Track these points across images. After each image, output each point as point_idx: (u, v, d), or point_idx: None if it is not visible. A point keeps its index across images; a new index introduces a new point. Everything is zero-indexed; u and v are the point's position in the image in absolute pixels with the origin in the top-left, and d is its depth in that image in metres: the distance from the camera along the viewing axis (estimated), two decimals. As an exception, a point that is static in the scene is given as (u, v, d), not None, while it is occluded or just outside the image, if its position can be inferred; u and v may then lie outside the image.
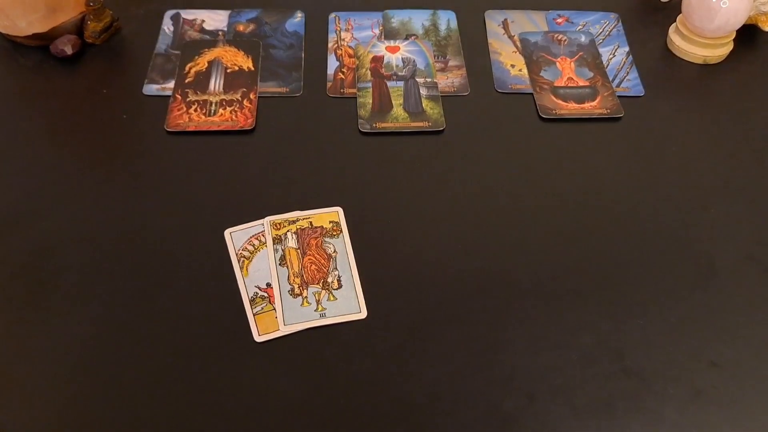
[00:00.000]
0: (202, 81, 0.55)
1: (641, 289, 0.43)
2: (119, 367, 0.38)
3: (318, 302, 0.40)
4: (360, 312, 0.40)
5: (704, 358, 0.40)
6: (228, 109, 0.53)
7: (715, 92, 0.56)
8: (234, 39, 0.58)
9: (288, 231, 0.43)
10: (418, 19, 0.61)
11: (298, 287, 0.41)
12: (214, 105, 0.53)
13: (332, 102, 0.54)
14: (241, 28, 0.60)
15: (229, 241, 0.43)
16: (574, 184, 0.49)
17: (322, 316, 0.40)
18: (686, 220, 0.47)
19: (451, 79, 0.56)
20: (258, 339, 0.39)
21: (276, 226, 0.43)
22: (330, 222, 0.44)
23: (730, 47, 0.58)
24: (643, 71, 0.57)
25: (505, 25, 0.61)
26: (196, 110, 0.52)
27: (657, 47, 0.59)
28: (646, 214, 0.47)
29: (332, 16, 0.61)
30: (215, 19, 0.60)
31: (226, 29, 0.59)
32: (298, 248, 0.42)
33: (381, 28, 0.60)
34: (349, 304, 0.40)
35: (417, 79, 0.55)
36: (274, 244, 0.42)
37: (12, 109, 0.53)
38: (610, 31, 0.61)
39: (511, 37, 0.60)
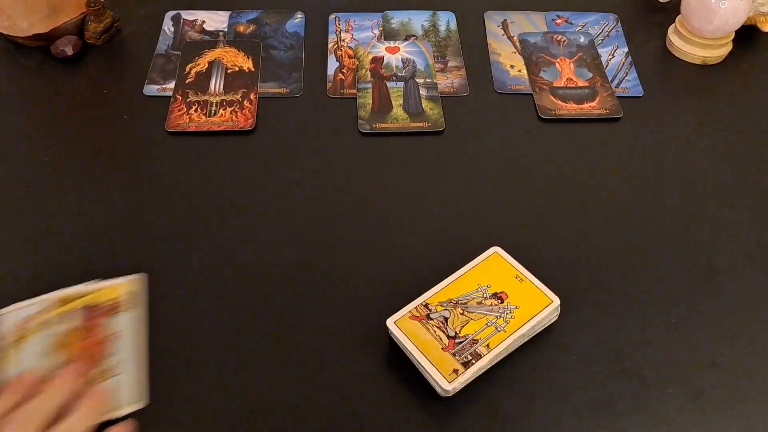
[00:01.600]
0: (202, 81, 0.55)
1: (641, 289, 0.43)
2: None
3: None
4: (139, 402, 0.37)
5: (704, 358, 0.40)
6: (228, 109, 0.53)
7: (714, 93, 0.56)
8: (234, 40, 0.59)
9: (69, 311, 0.38)
10: (417, 20, 0.61)
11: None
12: (214, 105, 0.53)
13: (332, 102, 0.54)
14: (241, 28, 0.60)
15: None
16: (573, 184, 0.49)
17: (111, 410, 0.35)
18: (686, 220, 0.47)
19: (451, 80, 0.56)
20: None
21: (58, 304, 0.39)
22: (112, 300, 0.39)
23: (729, 48, 0.58)
24: (643, 72, 0.57)
25: (504, 25, 0.61)
26: (196, 111, 0.52)
27: (656, 48, 0.59)
28: (645, 214, 0.47)
29: (332, 16, 0.61)
30: (216, 20, 0.60)
31: (226, 30, 0.60)
32: (78, 329, 0.38)
33: (381, 28, 0.60)
34: (129, 393, 0.37)
35: (417, 80, 0.55)
36: (53, 326, 0.38)
37: (13, 110, 0.53)
38: (610, 31, 0.61)
39: (510, 37, 0.60)
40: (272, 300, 0.41)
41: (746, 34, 0.60)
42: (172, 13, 0.61)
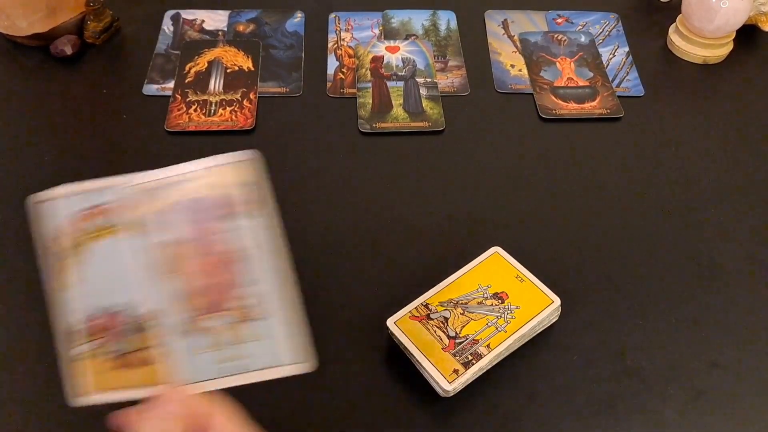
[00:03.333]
0: (202, 81, 0.54)
1: (642, 290, 0.43)
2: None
3: (218, 345, 0.25)
4: (304, 363, 0.25)
5: (705, 358, 0.39)
6: (228, 109, 0.53)
7: (715, 92, 0.56)
8: (234, 39, 0.58)
9: (164, 207, 0.25)
10: (418, 19, 0.61)
11: (191, 318, 0.24)
12: (214, 105, 0.53)
13: (332, 102, 0.54)
14: (241, 28, 0.60)
15: (38, 216, 0.26)
16: (573, 184, 0.49)
17: (235, 369, 0.25)
18: (687, 220, 0.47)
19: (451, 79, 0.56)
20: (76, 400, 0.25)
21: (140, 199, 0.25)
22: (240, 185, 0.25)
23: (729, 47, 0.58)
24: (643, 71, 0.57)
25: (504, 25, 0.61)
26: (196, 110, 0.52)
27: (657, 47, 0.59)
28: (646, 213, 0.47)
29: (332, 16, 0.61)
30: (215, 19, 0.60)
31: (226, 29, 0.59)
32: (183, 241, 0.25)
33: (381, 28, 0.60)
34: (279, 348, 0.25)
35: (417, 79, 0.55)
36: (139, 232, 0.24)
37: (12, 109, 0.53)
38: (610, 31, 0.61)
39: (511, 37, 0.60)
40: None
41: (747, 34, 0.60)
42: (171, 12, 0.61)
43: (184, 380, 0.25)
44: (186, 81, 0.54)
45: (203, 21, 0.60)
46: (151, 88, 0.54)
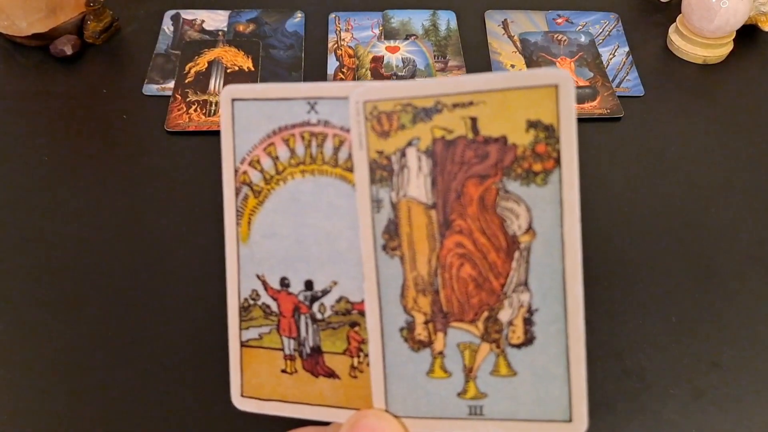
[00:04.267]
0: (202, 81, 0.54)
1: (641, 289, 0.42)
2: (112, 369, 0.38)
3: (470, 374, 0.17)
4: (570, 422, 0.16)
5: (705, 358, 0.39)
6: (228, 109, 0.52)
7: (715, 92, 0.56)
8: (234, 39, 0.58)
9: (413, 141, 0.17)
10: (418, 19, 0.61)
11: (425, 324, 0.17)
12: (214, 105, 0.53)
13: (332, 102, 0.53)
14: (241, 28, 0.60)
15: (228, 113, 0.18)
16: (574, 184, 0.48)
17: (475, 413, 0.17)
18: (687, 220, 0.46)
19: (451, 79, 0.56)
20: (238, 403, 0.19)
21: (380, 117, 0.17)
22: (529, 126, 0.16)
23: (730, 47, 0.58)
24: (643, 71, 0.57)
25: (505, 25, 0.61)
26: (196, 110, 0.52)
27: (657, 47, 0.59)
28: (646, 213, 0.47)
29: (332, 16, 0.61)
30: (215, 19, 0.60)
31: (226, 29, 0.59)
32: (434, 202, 0.17)
33: (381, 28, 0.60)
34: (546, 393, 0.16)
35: (417, 79, 0.55)
36: (375, 181, 0.17)
37: (11, 110, 0.52)
38: (610, 31, 0.61)
39: (511, 37, 0.60)
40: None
41: (747, 34, 0.60)
42: (171, 12, 0.61)
43: (398, 410, 0.17)
44: (186, 81, 0.54)
45: (203, 21, 0.60)
46: (151, 88, 0.54)
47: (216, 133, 0.51)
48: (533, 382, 0.16)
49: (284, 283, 0.18)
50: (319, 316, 0.18)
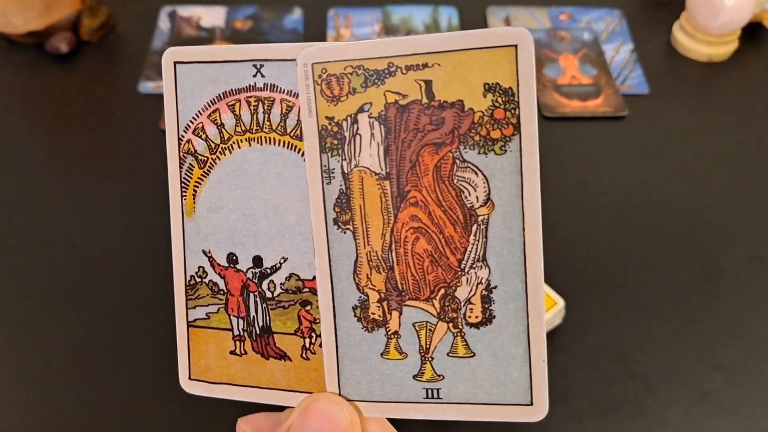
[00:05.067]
0: (199, 79, 0.54)
1: (645, 291, 0.42)
2: (113, 370, 0.38)
3: (426, 355, 0.16)
4: (530, 405, 0.16)
5: (709, 360, 0.39)
6: (225, 107, 0.52)
7: (719, 90, 0.55)
8: (231, 36, 0.58)
9: (364, 107, 0.16)
10: (418, 15, 0.60)
11: (380, 302, 0.16)
12: (211, 103, 0.52)
13: (331, 100, 0.53)
14: (238, 24, 0.59)
15: (170, 82, 0.18)
16: (576, 183, 0.48)
17: (432, 396, 0.16)
18: (691, 220, 0.46)
19: (452, 77, 0.55)
20: (186, 386, 0.19)
21: (329, 80, 0.16)
22: (487, 90, 0.16)
23: (735, 45, 0.57)
24: (647, 69, 0.56)
25: (507, 21, 0.60)
26: (193, 108, 0.52)
27: (661, 45, 0.59)
28: (649, 213, 0.46)
29: (331, 12, 0.60)
30: (212, 16, 0.59)
31: (223, 26, 0.59)
32: (388, 172, 0.16)
33: (381, 24, 0.59)
34: (505, 375, 0.16)
35: (417, 77, 0.55)
36: (324, 148, 0.16)
37: (6, 107, 0.52)
38: (614, 28, 0.60)
39: (512, 34, 0.59)
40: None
41: (753, 32, 0.59)
42: (167, 8, 0.60)
43: (351, 393, 0.16)
44: (183, 78, 0.54)
45: (200, 18, 0.59)
46: (147, 86, 0.53)
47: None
48: (492, 363, 0.15)
49: (232, 259, 0.17)
50: (268, 294, 0.17)
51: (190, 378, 0.18)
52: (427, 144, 0.15)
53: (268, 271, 0.17)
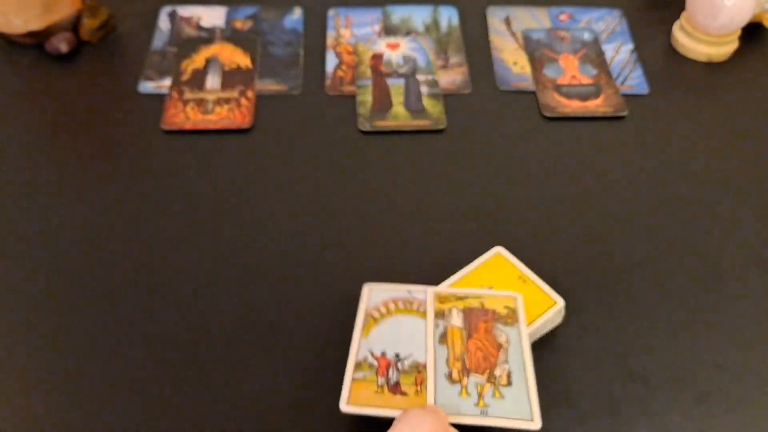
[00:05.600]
0: (198, 79, 0.54)
1: (646, 291, 0.42)
2: (114, 370, 0.38)
3: (480, 396, 0.33)
4: (532, 421, 0.33)
5: (710, 360, 0.39)
6: (225, 107, 0.52)
7: (720, 90, 0.55)
8: (231, 36, 0.58)
9: (454, 307, 0.37)
10: (419, 15, 0.60)
11: (458, 373, 0.34)
12: (211, 103, 0.52)
13: (331, 100, 0.53)
14: (238, 24, 0.59)
15: (366, 295, 0.38)
16: (576, 183, 0.48)
17: (483, 413, 0.33)
18: (692, 220, 0.46)
19: (453, 77, 0.55)
20: (344, 407, 0.33)
21: (441, 299, 0.37)
22: (505, 307, 0.37)
23: (735, 45, 0.57)
24: (648, 69, 0.56)
25: (507, 21, 0.60)
26: (192, 108, 0.52)
27: (661, 45, 0.59)
28: (650, 213, 0.46)
29: (331, 12, 0.60)
30: (212, 16, 0.59)
31: (223, 26, 0.59)
32: (464, 329, 0.36)
33: (381, 24, 0.59)
34: (518, 407, 0.33)
35: (418, 77, 0.55)
36: (435, 318, 0.37)
37: (6, 108, 0.52)
38: (614, 28, 0.60)
39: (513, 33, 0.59)
40: (270, 301, 0.41)
41: (753, 32, 0.59)
42: (167, 9, 0.60)
43: (440, 406, 0.33)
44: (183, 79, 0.54)
45: (200, 18, 0.59)
46: (147, 86, 0.53)
47: (213, 132, 0.51)
48: (511, 400, 0.34)
49: (383, 354, 0.36)
50: (400, 367, 0.35)
51: (347, 403, 0.34)
52: (481, 320, 0.37)
53: (402, 359, 0.35)
